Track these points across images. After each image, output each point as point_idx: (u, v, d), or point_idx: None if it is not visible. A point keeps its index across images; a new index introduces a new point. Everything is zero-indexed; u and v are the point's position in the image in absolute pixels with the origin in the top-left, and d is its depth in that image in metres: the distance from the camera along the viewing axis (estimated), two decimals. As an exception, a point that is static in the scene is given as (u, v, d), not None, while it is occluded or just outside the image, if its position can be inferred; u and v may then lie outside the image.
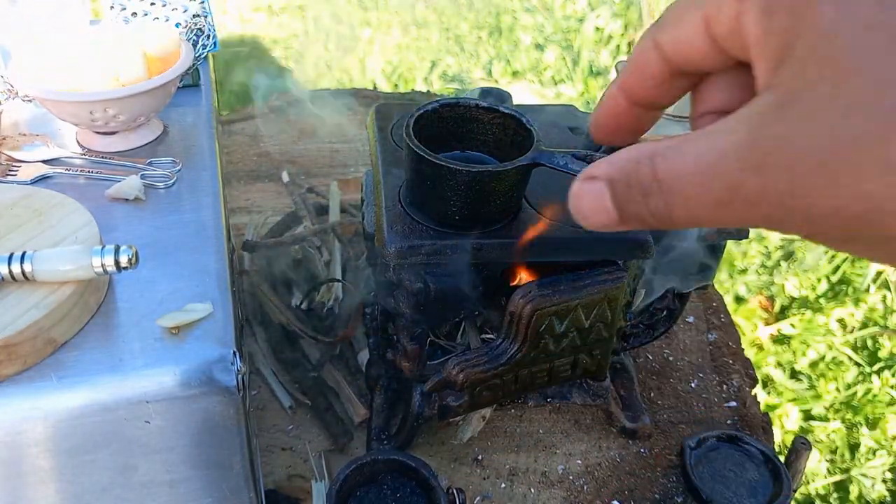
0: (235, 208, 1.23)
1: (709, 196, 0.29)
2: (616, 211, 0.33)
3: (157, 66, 0.75)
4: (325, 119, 1.35)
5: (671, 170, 0.30)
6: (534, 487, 0.83)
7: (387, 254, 0.67)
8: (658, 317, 0.89)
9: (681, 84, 0.36)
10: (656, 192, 0.31)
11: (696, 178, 0.29)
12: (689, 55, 0.34)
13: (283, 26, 2.93)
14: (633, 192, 0.32)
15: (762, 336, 1.74)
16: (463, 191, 0.65)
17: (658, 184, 0.31)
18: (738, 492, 0.79)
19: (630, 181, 0.32)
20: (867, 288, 1.82)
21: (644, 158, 0.31)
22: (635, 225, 0.33)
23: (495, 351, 0.73)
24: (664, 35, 0.34)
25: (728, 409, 0.94)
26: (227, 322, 0.57)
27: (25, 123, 0.79)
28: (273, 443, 0.87)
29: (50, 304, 0.52)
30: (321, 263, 1.05)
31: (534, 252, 0.70)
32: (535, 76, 2.63)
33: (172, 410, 0.53)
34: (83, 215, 0.60)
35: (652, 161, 0.31)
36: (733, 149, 0.28)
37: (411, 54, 2.77)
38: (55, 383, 0.51)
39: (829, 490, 1.50)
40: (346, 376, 0.93)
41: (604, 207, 0.33)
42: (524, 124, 0.68)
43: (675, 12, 0.34)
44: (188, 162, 0.74)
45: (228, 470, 0.58)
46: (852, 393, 1.65)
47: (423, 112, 0.68)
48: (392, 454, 0.75)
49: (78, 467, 0.54)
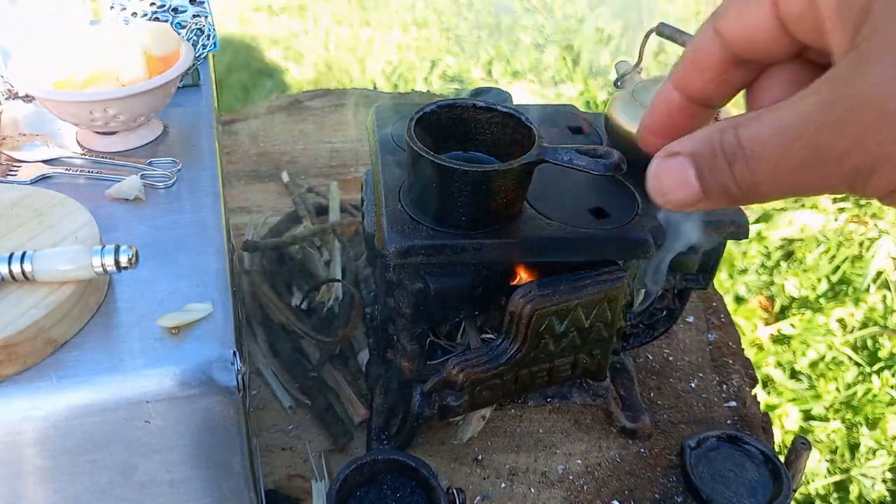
0: (235, 208, 1.23)
1: (792, 159, 0.29)
2: (699, 184, 0.32)
3: (157, 66, 0.75)
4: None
5: (754, 136, 0.30)
6: (534, 487, 0.83)
7: (387, 254, 0.67)
8: (658, 317, 0.89)
9: (740, 76, 0.36)
10: (741, 159, 0.30)
11: (779, 139, 0.29)
12: (754, 42, 0.33)
13: (283, 26, 2.93)
14: (717, 161, 0.31)
15: (762, 336, 1.74)
16: (469, 191, 0.64)
17: (742, 150, 0.30)
18: (738, 492, 0.79)
19: (714, 151, 0.31)
20: (867, 288, 1.82)
21: (728, 128, 0.31)
22: (719, 198, 0.32)
23: (495, 351, 0.73)
24: (726, 22, 0.34)
25: (728, 409, 0.94)
26: (227, 322, 0.57)
27: (25, 123, 0.79)
28: (273, 443, 0.87)
29: (50, 304, 0.52)
30: (321, 263, 1.05)
31: (534, 252, 0.70)
32: (535, 76, 2.63)
33: (172, 410, 0.53)
34: (83, 215, 0.60)
35: (735, 129, 0.31)
36: (814, 109, 0.28)
37: (411, 54, 2.77)
38: (55, 383, 0.51)
39: (829, 490, 1.50)
40: (346, 376, 0.93)
41: (686, 182, 0.32)
42: (523, 122, 0.68)
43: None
44: (188, 162, 0.74)
45: (228, 470, 0.58)
46: (852, 393, 1.65)
47: (422, 114, 0.68)
48: (392, 454, 0.75)
49: (78, 467, 0.54)
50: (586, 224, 0.71)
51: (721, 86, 0.36)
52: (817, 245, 1.91)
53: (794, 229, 1.93)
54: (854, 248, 1.90)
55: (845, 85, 0.27)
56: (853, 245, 1.90)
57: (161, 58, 0.75)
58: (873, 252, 1.87)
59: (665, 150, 0.33)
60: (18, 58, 0.72)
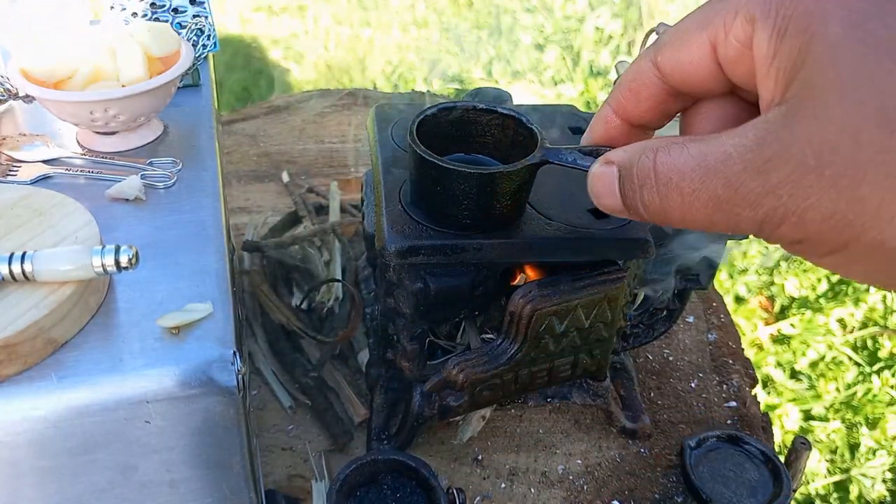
0: (235, 208, 1.23)
1: (707, 194, 0.29)
2: (620, 197, 0.34)
3: (157, 66, 0.75)
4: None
5: (671, 164, 0.31)
6: (534, 487, 0.83)
7: (387, 254, 0.67)
8: (658, 317, 0.89)
9: (675, 105, 0.37)
10: (651, 185, 0.31)
11: (697, 173, 0.30)
12: (690, 77, 0.35)
13: (283, 26, 2.93)
14: (632, 181, 0.33)
15: (762, 336, 1.74)
16: (472, 193, 0.64)
17: (655, 176, 0.31)
18: (738, 492, 0.79)
19: (632, 170, 0.33)
20: (867, 288, 1.82)
21: (648, 150, 0.32)
22: (633, 214, 0.34)
23: (495, 351, 0.73)
24: (664, 56, 0.35)
25: (728, 409, 0.94)
26: (227, 322, 0.57)
27: (25, 123, 0.79)
28: (273, 443, 0.87)
29: (50, 304, 0.52)
30: (321, 263, 1.05)
31: (534, 252, 0.70)
32: (535, 76, 2.63)
33: (172, 410, 0.53)
34: (83, 215, 0.60)
35: (654, 154, 0.32)
36: (739, 151, 0.29)
37: (411, 54, 2.77)
38: (55, 383, 0.51)
39: (829, 490, 1.50)
40: (346, 376, 0.93)
41: (612, 192, 0.34)
42: (524, 124, 0.68)
43: (678, 34, 0.34)
44: (188, 162, 0.74)
45: (228, 470, 0.58)
46: (852, 393, 1.65)
47: (424, 117, 0.68)
48: (392, 454, 0.75)
49: (78, 467, 0.54)
50: (586, 224, 0.71)
51: (657, 113, 0.38)
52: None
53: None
54: (854, 248, 1.89)
55: (772, 134, 0.28)
56: (853, 245, 1.90)
57: (161, 58, 0.75)
58: (873, 252, 1.86)
59: (605, 156, 0.35)
60: (18, 58, 0.72)
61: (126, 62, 0.73)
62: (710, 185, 0.29)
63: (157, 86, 0.71)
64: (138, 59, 0.73)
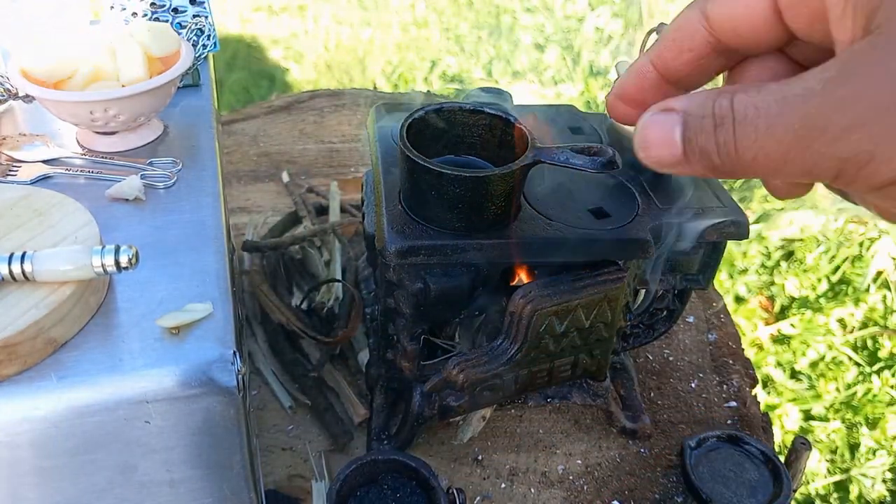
0: (235, 208, 1.23)
1: (783, 128, 0.28)
2: (681, 145, 0.31)
3: (157, 66, 0.75)
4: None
5: (750, 101, 0.29)
6: (534, 487, 0.83)
7: (387, 254, 0.67)
8: (658, 317, 0.89)
9: (718, 63, 0.35)
10: (728, 123, 0.29)
11: (776, 107, 0.28)
12: (742, 27, 0.33)
13: (283, 26, 2.93)
14: (705, 122, 0.30)
15: (762, 336, 1.74)
16: (465, 196, 0.64)
17: (732, 114, 0.29)
18: (738, 492, 0.79)
19: (705, 111, 0.30)
20: (867, 288, 1.82)
21: (725, 93, 0.30)
22: (698, 163, 0.31)
23: (495, 351, 0.73)
24: (716, 5, 0.33)
25: (728, 409, 0.94)
26: (227, 322, 0.57)
27: (25, 123, 0.79)
28: (273, 443, 0.87)
29: (50, 304, 0.52)
30: (321, 263, 1.05)
31: (534, 252, 0.70)
32: (535, 76, 2.63)
33: (172, 410, 0.53)
34: (83, 215, 0.60)
35: (732, 94, 0.30)
36: (822, 84, 0.27)
37: (411, 54, 2.77)
38: (55, 383, 0.51)
39: (829, 490, 1.50)
40: (346, 376, 0.93)
41: (670, 140, 0.32)
42: (511, 123, 0.67)
43: None
44: (188, 162, 0.74)
45: (228, 470, 0.58)
46: (852, 393, 1.65)
47: (412, 120, 0.68)
48: (392, 454, 0.75)
49: (78, 467, 0.54)
50: (586, 224, 0.71)
51: (697, 70, 0.35)
52: (817, 245, 1.91)
53: (793, 229, 1.93)
54: (854, 248, 1.90)
55: (861, 66, 0.26)
56: (853, 245, 1.90)
57: (161, 58, 0.75)
58: (873, 252, 1.87)
59: (661, 104, 0.32)
60: (18, 58, 0.72)
61: (126, 62, 0.73)
62: (789, 118, 0.27)
63: (157, 86, 0.71)
64: (138, 59, 0.73)
